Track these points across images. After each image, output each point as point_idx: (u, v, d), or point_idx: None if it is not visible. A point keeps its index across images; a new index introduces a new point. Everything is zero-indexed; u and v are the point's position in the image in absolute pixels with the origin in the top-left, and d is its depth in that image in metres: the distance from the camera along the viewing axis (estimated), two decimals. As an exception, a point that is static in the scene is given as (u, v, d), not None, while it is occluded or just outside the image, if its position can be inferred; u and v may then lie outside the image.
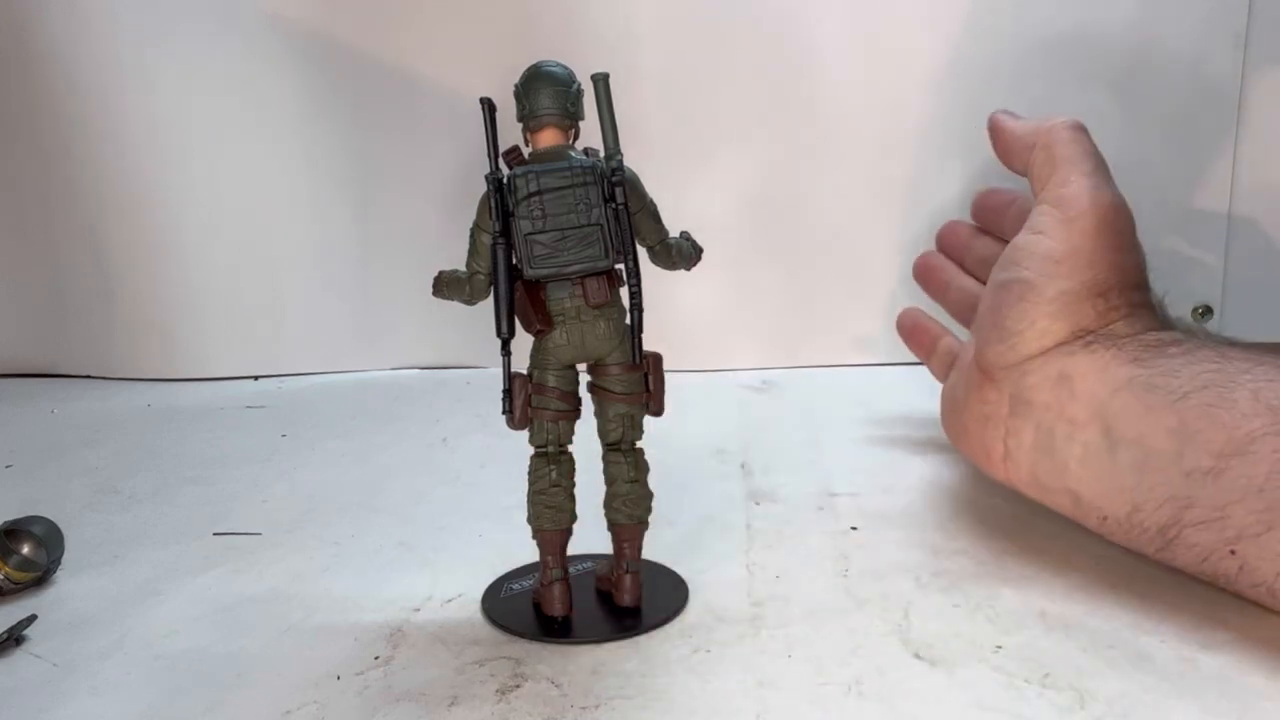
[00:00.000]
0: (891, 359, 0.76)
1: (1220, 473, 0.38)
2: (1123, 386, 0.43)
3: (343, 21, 0.77)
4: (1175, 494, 0.40)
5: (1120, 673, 0.38)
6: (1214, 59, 0.72)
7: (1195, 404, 0.40)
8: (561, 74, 0.42)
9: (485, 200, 0.41)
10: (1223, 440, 0.39)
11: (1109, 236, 0.47)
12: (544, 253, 0.40)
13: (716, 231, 0.81)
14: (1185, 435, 0.40)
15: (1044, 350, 0.47)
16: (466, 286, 0.42)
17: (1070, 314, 0.46)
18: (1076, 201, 0.47)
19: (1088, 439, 0.44)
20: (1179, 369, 0.42)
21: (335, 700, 0.39)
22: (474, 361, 0.83)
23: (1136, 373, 0.43)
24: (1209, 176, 0.74)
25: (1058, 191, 0.48)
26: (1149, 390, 0.42)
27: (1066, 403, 0.45)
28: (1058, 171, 0.48)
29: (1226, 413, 0.39)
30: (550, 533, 0.43)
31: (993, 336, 0.48)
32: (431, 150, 0.78)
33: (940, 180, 0.76)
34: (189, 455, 0.67)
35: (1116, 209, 0.47)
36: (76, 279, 0.84)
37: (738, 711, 0.37)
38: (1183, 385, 0.41)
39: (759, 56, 0.75)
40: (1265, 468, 0.37)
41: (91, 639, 0.44)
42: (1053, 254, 0.47)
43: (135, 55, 0.77)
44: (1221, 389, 0.40)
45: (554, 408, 0.43)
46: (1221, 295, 0.75)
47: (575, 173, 0.41)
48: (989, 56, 0.74)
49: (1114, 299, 0.46)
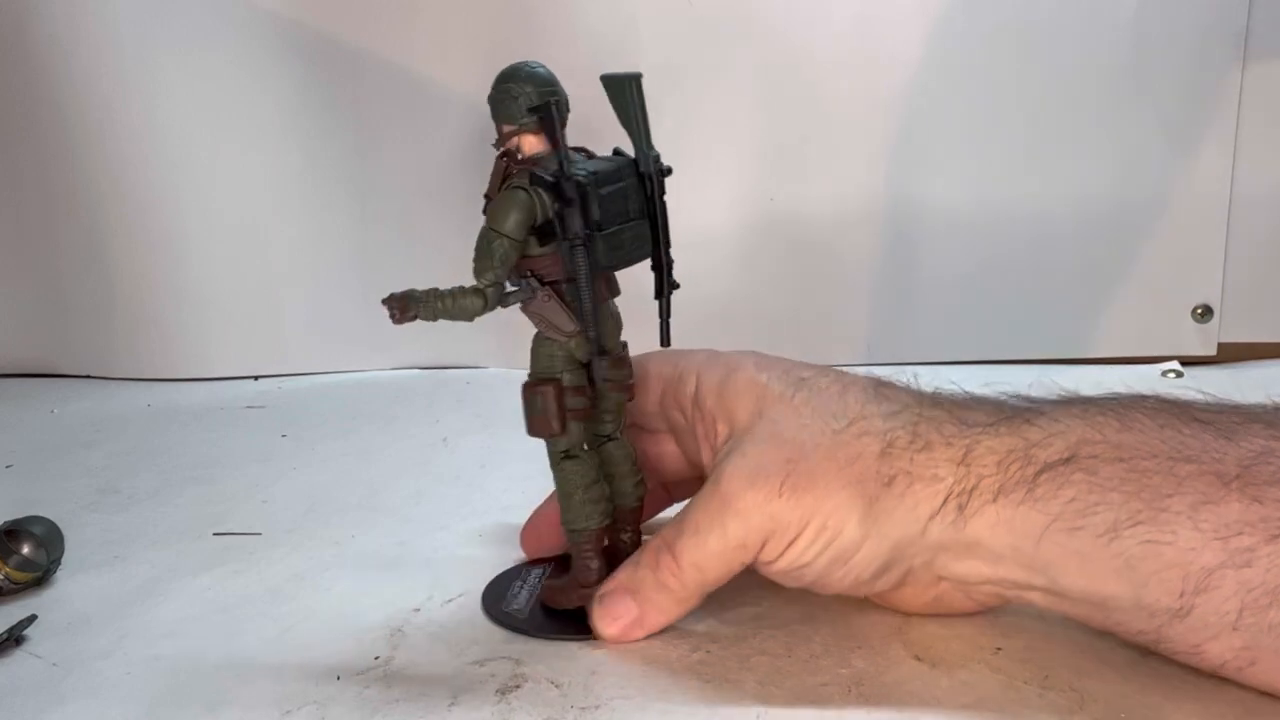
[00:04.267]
0: (882, 359, 0.76)
1: (1188, 611, 0.35)
2: (1040, 535, 0.37)
3: (343, 21, 0.77)
4: (1144, 629, 0.36)
5: (1120, 673, 0.38)
6: (1214, 59, 0.72)
7: (1132, 542, 0.35)
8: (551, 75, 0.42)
9: (520, 205, 0.39)
10: (1179, 578, 0.35)
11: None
12: (606, 248, 0.41)
13: (713, 230, 0.81)
14: (1136, 578, 0.35)
15: (909, 547, 0.39)
16: (467, 301, 0.40)
17: (881, 557, 0.39)
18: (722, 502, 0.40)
19: (1037, 591, 0.38)
20: (1077, 498, 0.36)
21: (335, 700, 0.39)
22: (474, 361, 0.83)
23: (1042, 519, 0.37)
24: (1209, 176, 0.74)
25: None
26: (1071, 533, 0.36)
27: (995, 565, 0.38)
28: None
29: (1171, 548, 0.35)
30: (598, 530, 0.43)
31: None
32: (432, 150, 0.78)
33: (940, 179, 0.76)
34: (189, 455, 0.67)
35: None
36: (76, 279, 0.84)
37: (738, 712, 0.37)
38: (1101, 521, 0.36)
39: (759, 56, 0.75)
40: (1235, 605, 0.34)
41: (91, 639, 0.44)
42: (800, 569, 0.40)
43: (135, 55, 0.77)
44: (1151, 523, 0.35)
45: (584, 406, 0.43)
46: (1221, 295, 0.75)
47: (623, 169, 0.41)
48: (989, 57, 0.74)
49: (890, 489, 0.38)
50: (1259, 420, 0.37)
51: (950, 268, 0.77)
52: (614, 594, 0.42)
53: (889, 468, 0.38)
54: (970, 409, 0.40)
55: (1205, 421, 0.37)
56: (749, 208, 0.77)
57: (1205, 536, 0.34)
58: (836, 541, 0.39)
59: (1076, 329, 0.77)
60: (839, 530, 0.38)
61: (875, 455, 0.39)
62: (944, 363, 0.77)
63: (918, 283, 0.78)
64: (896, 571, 0.40)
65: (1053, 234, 0.76)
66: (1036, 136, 0.75)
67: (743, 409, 0.41)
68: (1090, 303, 0.77)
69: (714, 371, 0.43)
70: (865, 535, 0.38)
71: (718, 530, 0.39)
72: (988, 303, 0.78)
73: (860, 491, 0.38)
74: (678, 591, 0.41)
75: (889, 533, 0.38)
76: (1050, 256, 0.76)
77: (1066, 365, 0.76)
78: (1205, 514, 0.34)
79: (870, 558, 0.39)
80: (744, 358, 0.44)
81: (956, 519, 0.38)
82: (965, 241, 0.77)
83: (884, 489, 0.38)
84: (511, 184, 0.40)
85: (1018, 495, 0.37)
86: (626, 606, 0.41)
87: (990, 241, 0.77)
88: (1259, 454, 0.35)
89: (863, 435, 0.39)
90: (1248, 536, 0.34)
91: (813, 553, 0.39)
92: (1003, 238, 0.76)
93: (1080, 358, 0.77)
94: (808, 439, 0.39)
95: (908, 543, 0.39)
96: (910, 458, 0.38)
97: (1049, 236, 0.76)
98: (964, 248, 0.77)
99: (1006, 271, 0.77)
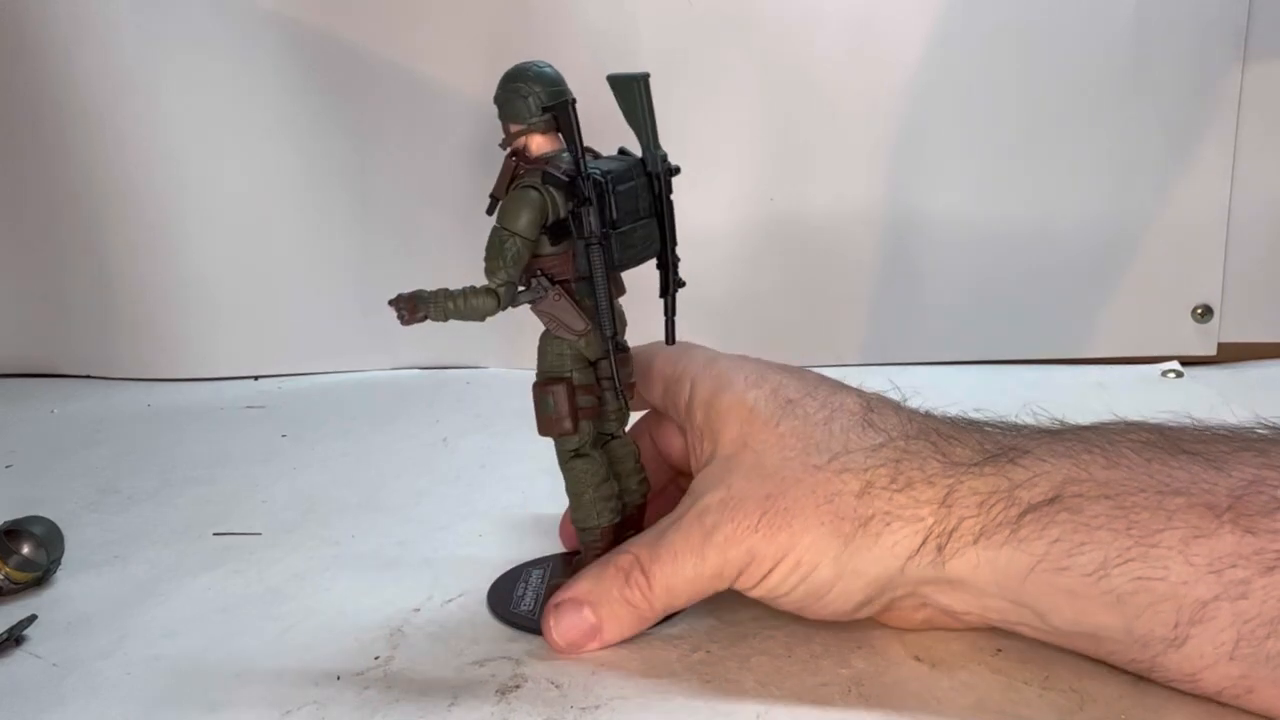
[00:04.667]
0: (882, 359, 0.76)
1: (1183, 641, 0.34)
2: (1026, 575, 0.36)
3: (343, 21, 0.77)
4: (1138, 658, 0.36)
5: (1120, 674, 0.38)
6: (1214, 59, 0.72)
7: (1123, 579, 0.35)
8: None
9: (533, 204, 0.39)
10: (1173, 610, 0.34)
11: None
12: (620, 246, 0.41)
13: (713, 230, 0.81)
14: (1129, 612, 0.35)
15: (888, 583, 0.39)
16: (479, 301, 0.39)
17: (873, 583, 0.39)
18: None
19: (1025, 621, 0.38)
20: (1062, 539, 0.36)
21: (335, 700, 0.39)
22: (474, 361, 0.83)
23: (1027, 559, 0.36)
24: (1209, 177, 0.74)
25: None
26: (1058, 573, 0.36)
27: (980, 599, 0.38)
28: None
29: (1163, 583, 0.34)
30: (610, 527, 0.44)
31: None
32: (431, 150, 0.78)
33: (940, 179, 0.76)
34: (189, 455, 0.67)
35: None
36: (76, 279, 0.84)
37: (737, 712, 0.37)
38: (1089, 560, 0.35)
39: (759, 56, 0.75)
40: (1231, 635, 0.33)
41: (91, 639, 0.44)
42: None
43: (136, 55, 0.77)
44: (1141, 560, 0.34)
45: (593, 405, 0.43)
46: (1221, 295, 0.75)
47: (632, 168, 0.42)
48: (988, 57, 0.74)
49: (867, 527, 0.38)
50: (1249, 449, 0.36)
51: (950, 267, 0.77)
52: (569, 604, 0.41)
53: (866, 508, 0.38)
54: (955, 442, 0.40)
55: (1194, 453, 0.36)
56: (749, 208, 0.77)
57: (1198, 571, 0.34)
58: (811, 577, 0.39)
59: (1076, 329, 0.77)
60: (813, 567, 0.39)
61: (854, 494, 0.39)
62: (944, 363, 0.77)
63: (918, 282, 0.78)
64: (878, 603, 0.40)
65: (1053, 234, 0.76)
66: (1036, 137, 0.75)
67: (728, 432, 0.42)
68: (1090, 303, 0.77)
69: (706, 383, 0.43)
70: (839, 574, 0.39)
71: (695, 559, 0.40)
72: (988, 302, 0.78)
73: (835, 530, 0.38)
74: (643, 610, 0.41)
75: (864, 570, 0.38)
76: (1050, 257, 0.76)
77: (1066, 365, 0.76)
78: (1197, 548, 0.34)
79: (846, 593, 0.39)
80: (736, 370, 0.43)
81: (935, 559, 0.38)
82: (965, 241, 0.77)
83: (860, 529, 0.38)
84: (522, 183, 0.40)
85: (1000, 537, 0.37)
86: (582, 617, 0.41)
87: (990, 241, 0.77)
88: (1250, 483, 0.35)
89: (843, 472, 0.39)
90: (1241, 569, 0.33)
91: (788, 585, 0.39)
92: (1003, 238, 0.76)
93: (1080, 358, 0.77)
94: (789, 474, 0.39)
95: (886, 579, 0.39)
96: (890, 497, 0.38)
97: (1049, 236, 0.76)
98: (964, 248, 0.77)
99: (1006, 271, 0.77)
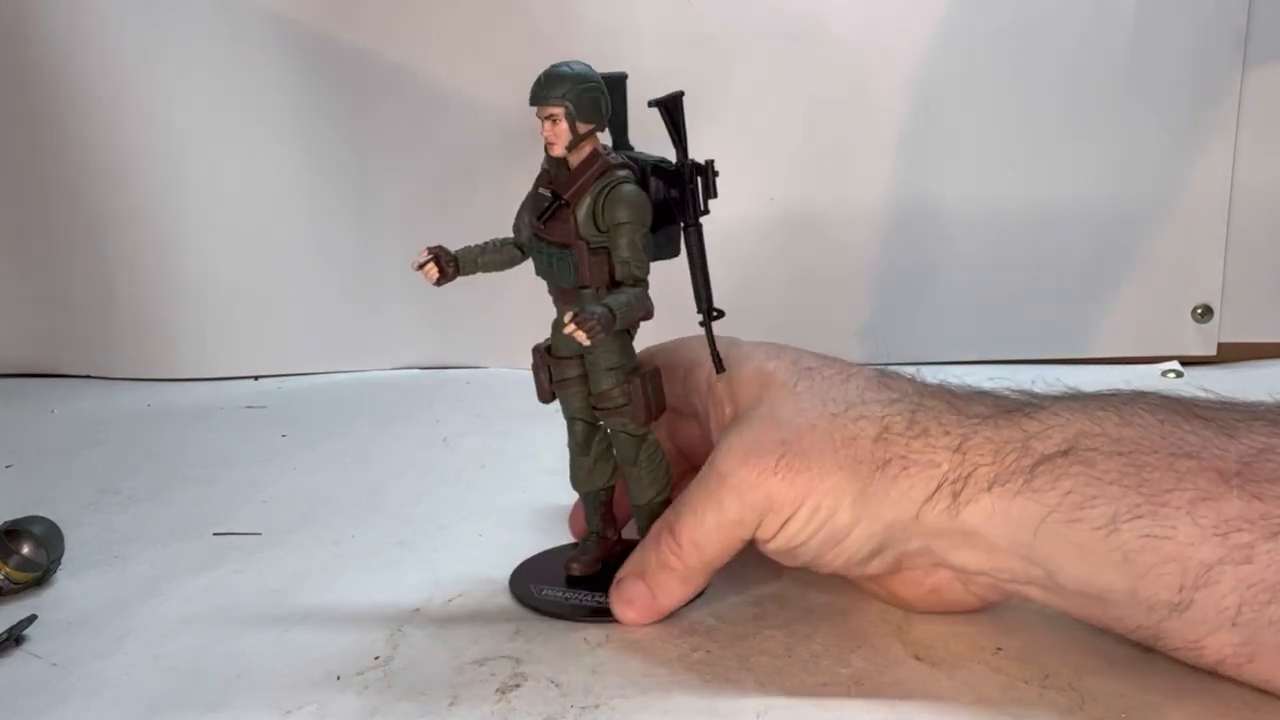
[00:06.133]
0: (883, 358, 0.76)
1: (1187, 606, 0.35)
2: (1037, 526, 0.37)
3: (343, 21, 0.77)
4: (1143, 623, 0.36)
5: (1120, 672, 0.38)
6: (1214, 59, 0.72)
7: (1131, 535, 0.35)
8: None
9: (648, 200, 0.42)
10: (1178, 573, 0.35)
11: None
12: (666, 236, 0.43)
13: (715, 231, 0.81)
14: (1134, 572, 0.35)
15: (902, 531, 0.39)
16: (646, 298, 0.42)
17: (876, 540, 0.40)
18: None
19: (1034, 580, 0.38)
20: (1075, 491, 0.36)
21: (335, 700, 0.39)
22: (474, 361, 0.83)
23: (1039, 510, 0.37)
24: (1209, 176, 0.74)
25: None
26: (1069, 525, 0.36)
27: (992, 555, 0.39)
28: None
29: (1170, 542, 0.35)
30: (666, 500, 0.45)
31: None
32: (432, 149, 0.78)
33: (940, 179, 0.76)
34: (189, 455, 0.67)
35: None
36: (76, 279, 0.84)
37: (738, 711, 0.37)
38: (1099, 514, 0.36)
39: (760, 56, 0.75)
40: (1234, 600, 0.34)
41: (91, 639, 0.44)
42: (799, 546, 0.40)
43: (135, 55, 0.77)
44: (1150, 517, 0.35)
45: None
46: (1221, 295, 0.75)
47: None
48: (989, 56, 0.74)
49: (883, 470, 0.39)
50: (1261, 418, 0.37)
51: (951, 268, 0.77)
52: (627, 579, 0.43)
53: (884, 451, 0.39)
54: (970, 401, 0.40)
55: (1206, 418, 0.37)
56: (749, 207, 0.77)
57: (1204, 532, 0.34)
58: (830, 522, 0.39)
59: (1077, 329, 0.78)
60: (833, 511, 0.39)
61: (871, 439, 0.39)
62: (945, 362, 0.76)
63: (918, 282, 0.78)
64: (890, 555, 0.40)
65: (1053, 234, 0.76)
66: (1036, 137, 0.75)
67: (746, 393, 0.42)
68: (1090, 303, 0.77)
69: (727, 360, 0.44)
70: (858, 518, 0.39)
71: (714, 507, 0.40)
72: (988, 302, 0.78)
73: (854, 474, 0.39)
74: (680, 570, 0.42)
75: (881, 515, 0.39)
76: (1051, 256, 0.76)
77: (1067, 365, 0.76)
78: (1204, 510, 0.34)
79: (863, 539, 0.39)
80: (756, 348, 0.45)
81: (950, 505, 0.38)
82: (965, 242, 0.77)
83: (877, 472, 0.39)
84: (619, 179, 0.41)
85: (1014, 485, 0.37)
86: (640, 590, 0.42)
87: (990, 241, 0.77)
88: (1260, 451, 0.35)
89: (859, 419, 0.40)
90: (1247, 533, 0.34)
91: (807, 532, 0.39)
92: (1003, 238, 0.77)
93: (1080, 358, 0.77)
94: (804, 421, 0.40)
95: (900, 527, 0.39)
96: (906, 443, 0.39)
97: (1049, 236, 0.76)
98: (964, 248, 0.77)
99: (1007, 271, 0.77)
